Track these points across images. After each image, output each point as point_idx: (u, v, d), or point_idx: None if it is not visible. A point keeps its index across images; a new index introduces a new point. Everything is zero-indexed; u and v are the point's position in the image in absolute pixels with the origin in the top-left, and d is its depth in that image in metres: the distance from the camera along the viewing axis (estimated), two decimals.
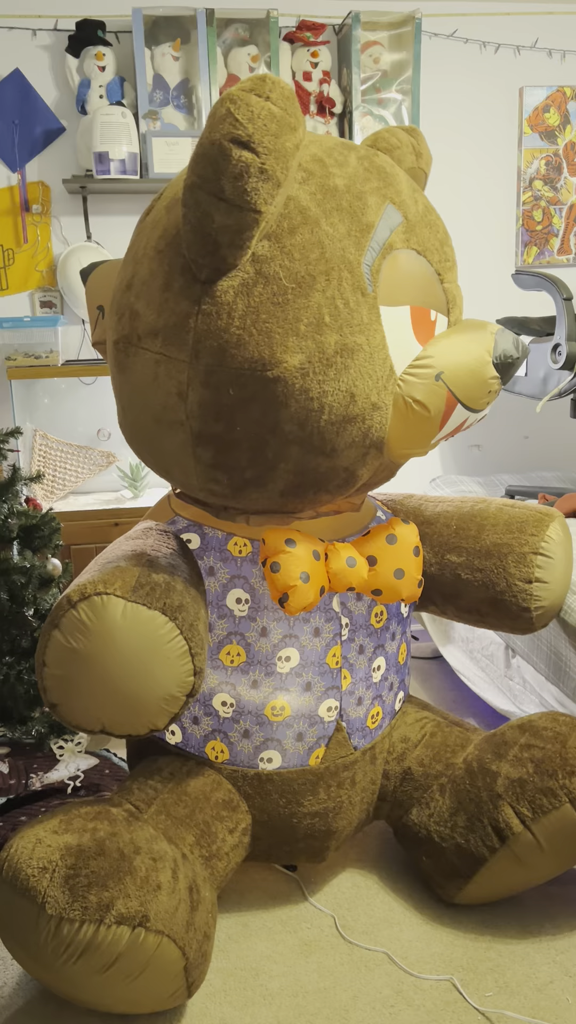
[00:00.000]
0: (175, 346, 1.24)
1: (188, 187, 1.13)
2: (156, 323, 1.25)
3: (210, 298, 1.20)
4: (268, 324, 1.20)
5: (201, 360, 1.23)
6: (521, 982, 1.41)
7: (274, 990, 1.41)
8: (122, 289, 1.34)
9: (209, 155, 1.09)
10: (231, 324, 1.20)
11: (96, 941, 1.18)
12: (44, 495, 2.85)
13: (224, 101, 1.08)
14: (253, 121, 1.07)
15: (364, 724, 1.53)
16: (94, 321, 1.56)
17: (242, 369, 1.21)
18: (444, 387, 1.31)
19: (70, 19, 2.71)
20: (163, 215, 1.29)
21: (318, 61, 2.79)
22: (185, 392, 1.26)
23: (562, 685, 1.81)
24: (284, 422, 1.25)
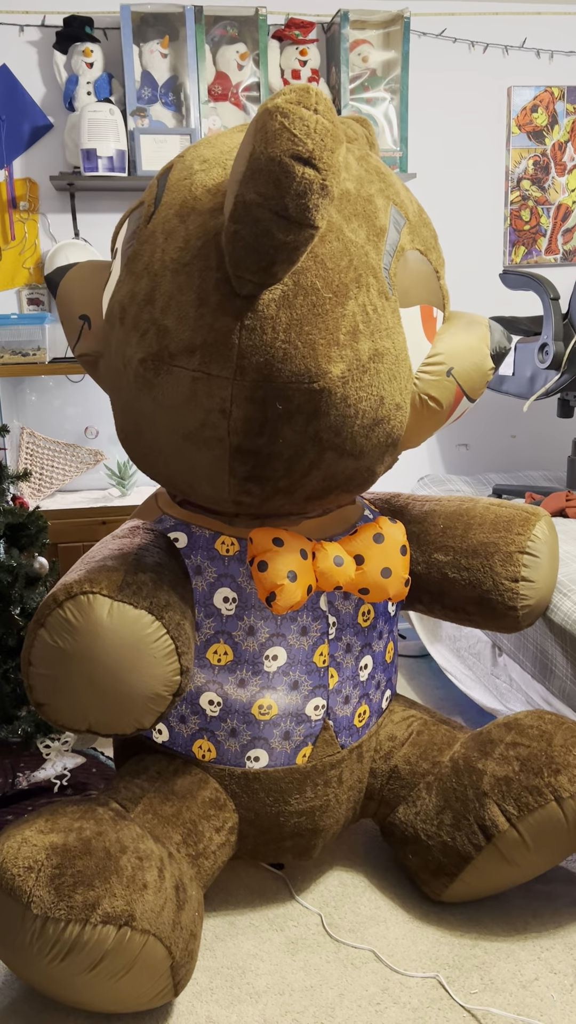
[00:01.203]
0: (217, 363, 1.20)
1: (246, 205, 1.06)
2: (192, 340, 1.20)
3: (253, 313, 1.18)
4: (312, 335, 1.20)
5: (246, 376, 1.20)
6: (506, 979, 1.42)
7: (261, 988, 1.41)
8: (139, 303, 1.26)
9: (270, 172, 1.02)
10: (276, 338, 1.19)
11: (82, 940, 1.18)
12: (31, 493, 2.84)
13: (274, 115, 1.01)
14: (311, 136, 1.02)
15: (351, 723, 1.54)
16: (76, 331, 1.48)
17: (289, 382, 1.21)
18: (454, 382, 1.39)
19: (58, 15, 2.69)
20: (177, 224, 1.24)
21: (307, 59, 2.78)
22: (228, 409, 1.22)
23: (548, 683, 1.82)
24: (323, 431, 1.26)
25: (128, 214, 1.43)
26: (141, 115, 2.69)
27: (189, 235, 1.22)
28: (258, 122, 1.03)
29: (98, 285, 1.47)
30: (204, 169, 1.28)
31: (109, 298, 1.38)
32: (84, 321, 1.45)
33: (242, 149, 1.07)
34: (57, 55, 2.69)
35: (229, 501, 1.36)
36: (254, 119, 1.04)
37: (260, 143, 1.02)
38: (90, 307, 1.45)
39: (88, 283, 1.48)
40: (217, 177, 1.26)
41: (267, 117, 1.02)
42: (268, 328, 1.18)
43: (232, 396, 1.21)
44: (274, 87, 2.80)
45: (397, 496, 1.79)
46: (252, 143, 1.03)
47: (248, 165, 1.04)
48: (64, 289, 1.50)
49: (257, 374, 1.20)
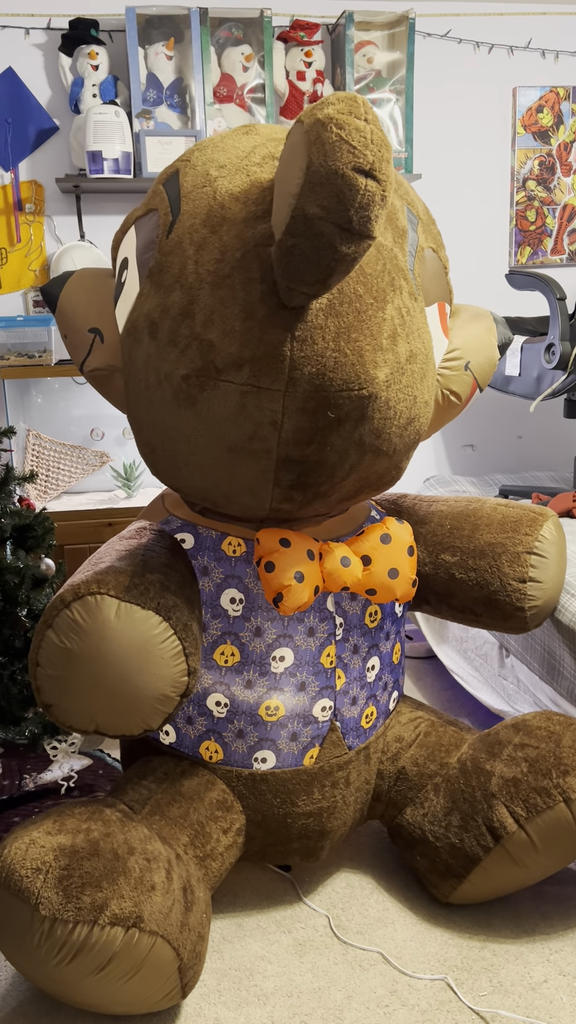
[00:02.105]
0: (268, 376, 1.19)
1: (307, 219, 1.01)
2: (241, 354, 1.19)
3: (303, 323, 1.17)
4: (359, 342, 1.20)
5: (298, 387, 1.19)
6: (515, 981, 1.41)
7: (268, 990, 1.40)
8: (173, 318, 1.23)
9: (333, 186, 0.99)
10: (327, 347, 1.18)
11: (90, 942, 1.17)
12: (37, 495, 2.85)
13: (329, 126, 0.98)
14: (368, 148, 0.99)
15: (358, 724, 1.53)
16: (85, 345, 1.41)
17: (340, 391, 1.21)
18: (471, 375, 1.44)
19: (63, 18, 2.70)
20: (208, 235, 1.21)
21: (312, 61, 2.78)
22: (279, 421, 1.22)
23: (556, 684, 1.81)
24: (366, 435, 1.27)
25: (131, 222, 1.40)
26: (146, 117, 2.70)
27: (225, 246, 1.19)
28: (311, 133, 0.99)
29: (104, 296, 1.43)
30: (224, 175, 1.25)
31: (128, 311, 1.33)
32: (95, 335, 1.40)
33: (291, 160, 1.04)
34: (63, 58, 2.70)
35: (268, 509, 1.36)
36: (305, 130, 0.99)
37: (318, 155, 0.99)
38: (100, 320, 1.40)
39: (92, 294, 1.43)
40: (241, 184, 1.23)
41: (321, 128, 0.98)
42: (318, 338, 1.18)
43: (284, 408, 1.21)
44: (279, 88, 2.80)
45: (404, 497, 1.79)
46: (307, 155, 0.99)
47: (306, 178, 1.00)
48: (67, 302, 1.44)
49: (309, 384, 1.19)
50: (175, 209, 1.27)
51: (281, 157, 1.09)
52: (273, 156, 1.25)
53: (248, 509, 1.37)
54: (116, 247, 1.44)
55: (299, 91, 2.81)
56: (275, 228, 1.09)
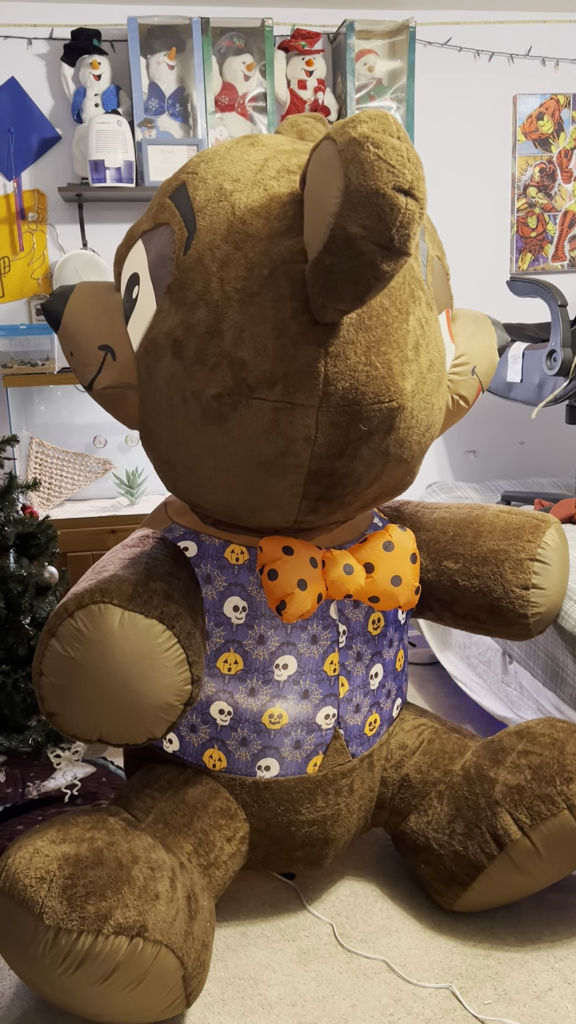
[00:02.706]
0: (302, 392, 1.19)
1: (348, 239, 1.01)
2: (274, 371, 1.18)
3: (335, 339, 1.18)
4: (388, 355, 1.21)
5: (332, 402, 1.20)
6: (520, 989, 1.41)
7: (273, 999, 1.40)
8: (200, 336, 1.22)
9: (375, 205, 0.99)
10: (359, 362, 1.19)
11: (94, 951, 1.17)
12: (40, 503, 2.85)
13: (365, 145, 0.98)
14: (406, 166, 0.99)
15: (362, 731, 1.53)
16: (95, 363, 1.37)
17: (372, 404, 1.22)
18: (477, 379, 1.47)
19: (66, 28, 2.72)
20: (231, 251, 1.20)
21: (313, 69, 2.80)
22: (313, 436, 1.22)
23: (559, 691, 1.81)
24: (392, 445, 1.28)
25: (137, 236, 1.37)
26: (148, 126, 2.71)
27: (251, 263, 1.18)
28: (347, 152, 0.99)
29: (111, 312, 1.39)
30: (240, 189, 1.23)
31: (145, 328, 1.31)
32: (106, 352, 1.36)
33: (325, 178, 1.03)
34: (65, 67, 2.71)
35: (293, 521, 1.36)
36: (340, 149, 0.99)
37: (357, 175, 0.99)
38: (111, 337, 1.37)
39: (99, 311, 1.39)
40: (259, 198, 1.21)
41: (357, 147, 0.99)
42: (351, 353, 1.19)
43: (317, 423, 1.21)
44: (280, 97, 2.81)
45: (406, 504, 1.79)
46: (344, 174, 0.99)
47: (345, 198, 0.99)
48: (72, 319, 1.40)
49: (342, 399, 1.20)
50: (190, 224, 1.25)
51: (309, 174, 1.09)
52: (287, 169, 1.24)
53: (272, 522, 1.37)
54: (120, 261, 1.41)
55: (300, 100, 2.82)
56: (310, 246, 1.09)
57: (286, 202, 1.20)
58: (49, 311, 1.41)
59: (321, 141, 1.06)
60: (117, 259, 1.42)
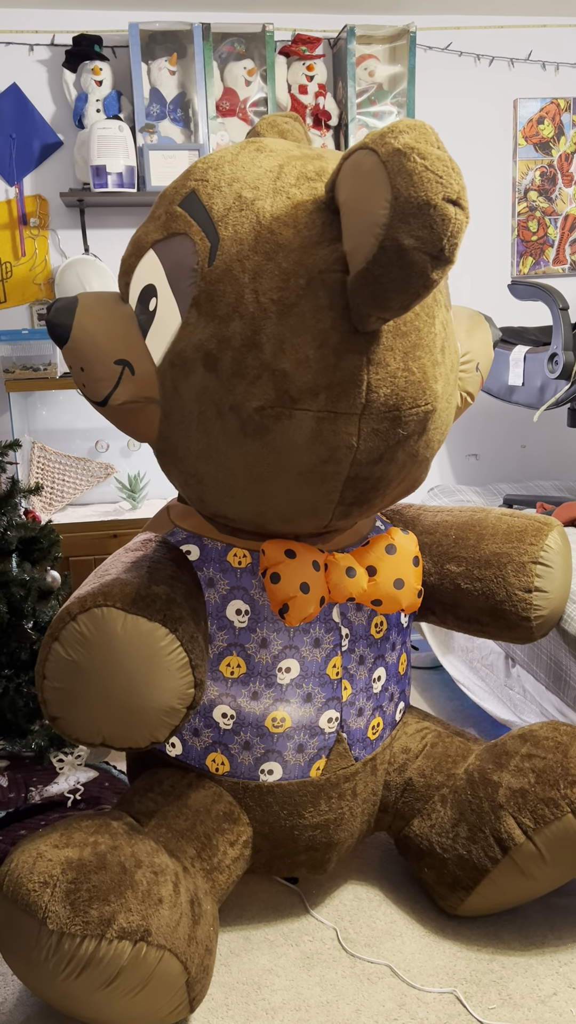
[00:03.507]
0: (344, 400, 1.19)
1: (400, 250, 1.02)
2: (316, 382, 1.18)
3: (376, 346, 1.19)
4: (422, 359, 1.23)
5: (373, 408, 1.21)
6: (524, 994, 1.40)
7: (276, 1004, 1.40)
8: (236, 349, 1.20)
9: (427, 217, 1.00)
10: (398, 368, 1.21)
11: (98, 956, 1.17)
12: (43, 507, 2.85)
13: (411, 155, 0.99)
14: (452, 176, 1.01)
15: (365, 735, 1.53)
16: (112, 377, 1.32)
17: (410, 408, 1.24)
18: (480, 375, 1.48)
19: (67, 34, 2.73)
20: (263, 262, 1.18)
21: (314, 74, 2.80)
22: (355, 443, 1.23)
23: (562, 694, 1.81)
24: (421, 446, 1.30)
25: (147, 246, 1.32)
26: (150, 131, 2.72)
27: (286, 274, 1.17)
28: (392, 163, 1.00)
29: (124, 326, 1.34)
30: (260, 198, 1.22)
31: (169, 342, 1.28)
32: (123, 367, 1.32)
33: (368, 189, 1.04)
34: (67, 73, 2.72)
35: (327, 525, 1.37)
36: (384, 160, 1.01)
37: (406, 186, 1.00)
38: (127, 351, 1.32)
39: (111, 324, 1.34)
40: (284, 207, 1.20)
41: (403, 158, 1.00)
42: (390, 359, 1.20)
43: (359, 431, 1.22)
44: (281, 102, 2.82)
45: (408, 507, 1.79)
46: (390, 185, 1.00)
47: (394, 209, 1.01)
48: (83, 334, 1.33)
49: (383, 406, 1.21)
50: (211, 234, 1.23)
51: (344, 183, 1.10)
52: (306, 176, 1.23)
53: (304, 528, 1.38)
54: (129, 272, 1.36)
55: (301, 104, 2.83)
56: (354, 257, 1.09)
57: (312, 210, 1.19)
58: (56, 325, 1.34)
59: (355, 150, 1.06)
60: (125, 269, 1.38)
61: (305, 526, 1.37)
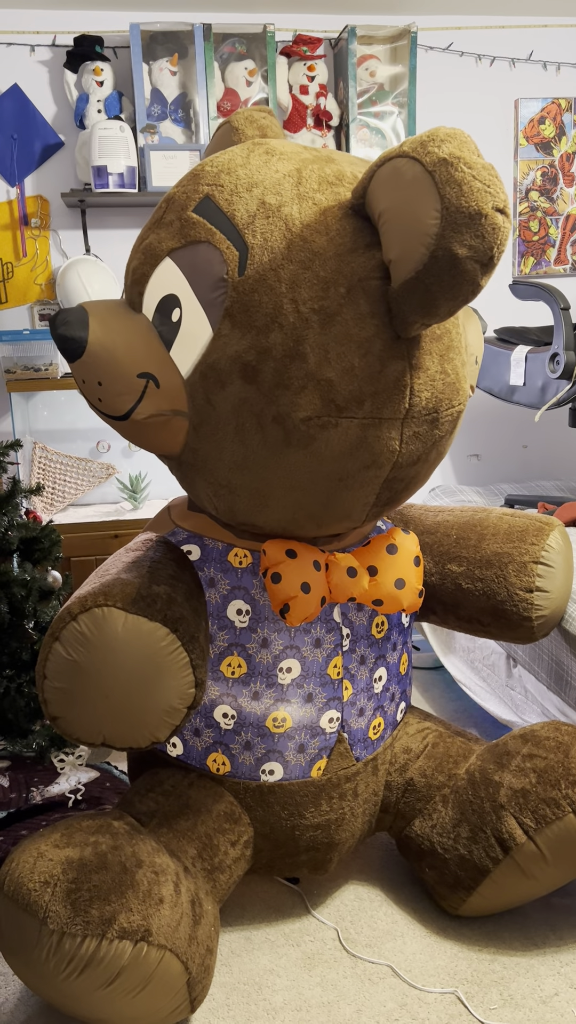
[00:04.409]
0: (389, 407, 1.21)
1: (453, 259, 1.04)
2: (362, 390, 1.18)
3: (417, 351, 1.21)
4: (454, 361, 1.26)
5: (415, 412, 1.23)
6: (526, 994, 1.40)
7: (277, 1004, 1.40)
8: (278, 359, 1.18)
9: (479, 226, 1.03)
10: (436, 371, 1.24)
11: (98, 956, 1.17)
12: (44, 507, 2.85)
13: (457, 165, 1.02)
14: (496, 185, 1.04)
15: (366, 735, 1.53)
16: (136, 391, 1.27)
17: (447, 409, 1.27)
18: (477, 367, 1.48)
19: (68, 35, 2.73)
20: (299, 271, 1.17)
21: (315, 75, 2.81)
22: (397, 447, 1.25)
23: (564, 695, 1.81)
24: (446, 444, 1.34)
25: (163, 254, 1.27)
26: (151, 132, 2.72)
27: (325, 282, 1.16)
28: (440, 173, 1.02)
29: (141, 336, 1.28)
30: (285, 204, 1.20)
31: (199, 353, 1.24)
32: (148, 380, 1.27)
33: (414, 198, 1.05)
34: (68, 74, 2.72)
35: (358, 525, 1.41)
36: (430, 169, 1.03)
37: (456, 196, 1.02)
38: (150, 364, 1.27)
39: (127, 335, 1.28)
40: (311, 213, 1.19)
41: (450, 168, 1.02)
42: (429, 363, 1.23)
43: (401, 435, 1.24)
44: (282, 103, 2.82)
45: (409, 507, 1.79)
46: (439, 195, 1.02)
47: (445, 219, 1.03)
48: (101, 347, 1.26)
49: (424, 409, 1.24)
50: (238, 242, 1.20)
51: (384, 191, 1.10)
52: (327, 180, 1.23)
53: (336, 530, 1.40)
54: (142, 281, 1.30)
55: (302, 105, 2.83)
56: (402, 266, 1.10)
57: (340, 216, 1.19)
58: (69, 339, 1.25)
59: (391, 157, 1.08)
60: (137, 278, 1.31)
61: (337, 529, 1.39)
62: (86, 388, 1.31)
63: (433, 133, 1.05)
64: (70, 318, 1.26)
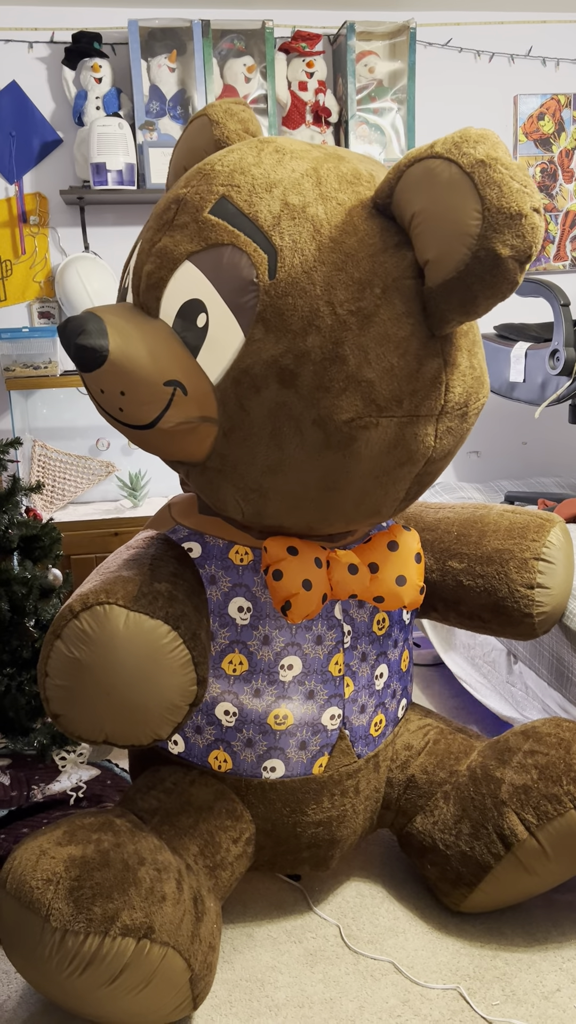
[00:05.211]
0: (426, 404, 1.23)
1: (497, 259, 1.07)
2: (401, 389, 1.19)
3: (451, 348, 1.24)
4: (479, 355, 1.31)
5: (449, 407, 1.26)
6: (528, 990, 1.40)
7: (280, 1001, 1.40)
8: (317, 363, 1.17)
9: (519, 227, 1.06)
10: (467, 366, 1.27)
11: (101, 953, 1.17)
12: (44, 505, 2.85)
13: (495, 167, 1.05)
14: (531, 185, 1.07)
15: (367, 732, 1.53)
16: (164, 400, 1.23)
17: (476, 403, 1.31)
18: None
19: (66, 31, 2.72)
20: (333, 273, 1.16)
21: (313, 71, 2.80)
22: (432, 443, 1.27)
23: (565, 691, 1.81)
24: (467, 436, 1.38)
25: (179, 258, 1.22)
26: (150, 129, 2.71)
27: (360, 283, 1.16)
28: (478, 175, 1.06)
29: (163, 342, 1.23)
30: (309, 204, 1.19)
31: (231, 359, 1.20)
32: (176, 387, 1.23)
33: (451, 199, 1.08)
34: (66, 71, 2.72)
35: (380, 522, 1.43)
36: (468, 171, 1.06)
37: (496, 197, 1.05)
38: (176, 371, 1.22)
39: (148, 342, 1.22)
40: (337, 213, 1.18)
41: (488, 169, 1.05)
42: (460, 359, 1.25)
43: (436, 430, 1.26)
44: (281, 99, 2.82)
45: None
46: (478, 196, 1.06)
47: (487, 220, 1.06)
48: (123, 356, 1.20)
49: (456, 404, 1.27)
50: (265, 245, 1.18)
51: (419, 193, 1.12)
52: (344, 179, 1.22)
53: (362, 526, 1.43)
54: (159, 286, 1.24)
55: (301, 101, 2.82)
56: (442, 267, 1.12)
57: (365, 216, 1.19)
58: (89, 348, 1.18)
59: (421, 158, 1.10)
60: (153, 283, 1.25)
61: (365, 526, 1.42)
62: (105, 398, 1.25)
63: (464, 134, 1.08)
64: (88, 327, 1.19)
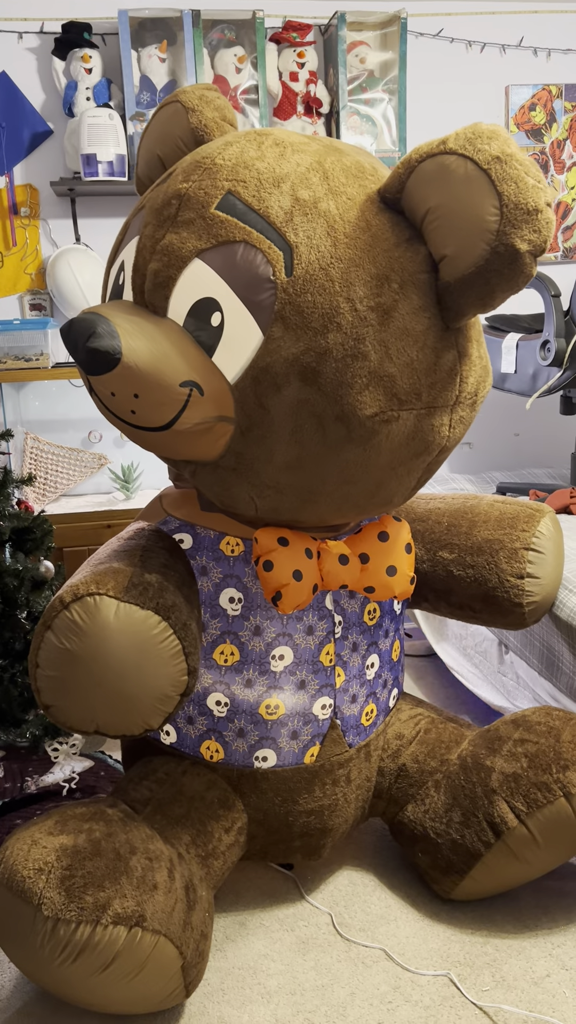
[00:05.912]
0: (443, 395, 1.25)
1: (515, 253, 1.10)
2: (421, 382, 1.21)
3: (464, 340, 1.26)
4: (483, 345, 1.34)
5: (462, 398, 1.29)
6: (518, 976, 1.41)
7: (272, 988, 1.41)
8: (339, 360, 1.16)
9: (535, 221, 1.09)
10: (477, 356, 1.30)
11: (93, 941, 1.18)
12: (36, 498, 2.85)
13: (511, 163, 1.08)
14: (543, 180, 1.10)
15: (358, 721, 1.54)
16: (180, 401, 1.20)
17: (483, 391, 1.34)
18: None
19: (56, 21, 2.71)
20: (350, 268, 1.16)
21: (304, 61, 2.79)
22: (447, 433, 1.30)
23: (555, 680, 1.82)
24: None
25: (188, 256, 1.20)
26: (140, 119, 2.70)
27: (378, 279, 1.16)
28: (496, 171, 1.08)
29: (175, 342, 1.20)
30: (322, 199, 1.18)
31: (249, 358, 1.19)
32: (191, 388, 1.20)
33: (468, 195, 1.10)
34: (56, 61, 2.70)
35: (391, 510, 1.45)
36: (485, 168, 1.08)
37: (514, 193, 1.08)
38: (192, 371, 1.20)
39: (160, 342, 1.19)
40: (348, 208, 1.18)
41: (504, 166, 1.08)
42: (471, 349, 1.28)
43: (451, 421, 1.29)
44: (272, 89, 2.80)
45: None
46: (496, 193, 1.08)
47: (504, 215, 1.09)
48: (138, 359, 1.16)
49: (469, 394, 1.30)
50: (279, 242, 1.17)
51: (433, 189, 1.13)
52: (350, 172, 1.22)
53: (373, 515, 1.46)
54: (167, 284, 1.22)
55: (292, 92, 2.81)
56: (460, 262, 1.14)
57: (375, 211, 1.19)
58: (102, 351, 1.14)
59: (434, 154, 1.11)
60: (160, 282, 1.22)
61: (375, 515, 1.44)
62: (116, 401, 1.21)
63: (476, 130, 1.09)
64: (98, 329, 1.14)
